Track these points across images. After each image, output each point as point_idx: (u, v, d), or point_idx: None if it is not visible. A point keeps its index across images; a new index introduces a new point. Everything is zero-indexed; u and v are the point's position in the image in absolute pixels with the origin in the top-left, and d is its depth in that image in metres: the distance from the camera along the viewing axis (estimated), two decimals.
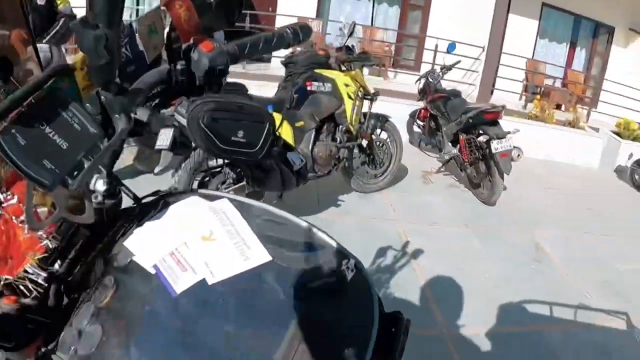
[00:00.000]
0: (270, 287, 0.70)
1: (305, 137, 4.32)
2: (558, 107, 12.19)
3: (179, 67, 1.50)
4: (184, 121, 3.15)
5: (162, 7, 1.36)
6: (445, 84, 7.00)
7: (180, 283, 0.71)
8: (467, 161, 5.77)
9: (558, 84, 13.65)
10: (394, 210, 5.10)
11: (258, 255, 0.71)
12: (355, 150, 5.07)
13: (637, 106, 12.70)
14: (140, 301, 0.75)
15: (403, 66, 12.09)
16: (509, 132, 5.49)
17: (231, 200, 0.79)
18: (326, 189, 5.17)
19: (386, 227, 4.63)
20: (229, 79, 2.55)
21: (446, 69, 6.81)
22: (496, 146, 5.32)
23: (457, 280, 3.92)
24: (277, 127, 3.99)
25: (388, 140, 5.43)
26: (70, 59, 1.27)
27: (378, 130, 5.31)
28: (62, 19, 4.55)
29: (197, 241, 0.77)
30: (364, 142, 5.09)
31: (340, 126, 4.61)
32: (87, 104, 0.95)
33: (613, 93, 12.95)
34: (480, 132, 5.67)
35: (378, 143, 5.33)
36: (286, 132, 4.09)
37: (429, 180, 6.27)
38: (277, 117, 3.97)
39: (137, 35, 1.28)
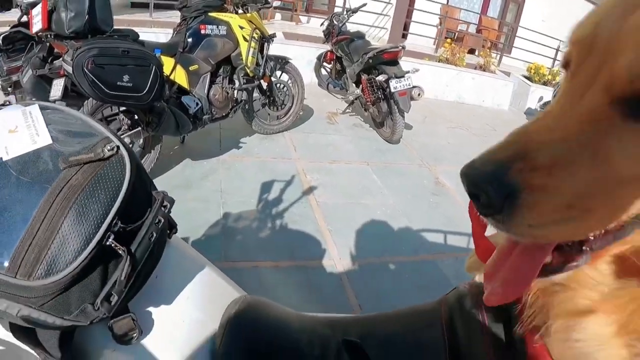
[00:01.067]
0: (43, 161, 0.83)
1: (200, 81, 4.40)
2: (472, 51, 12.68)
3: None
4: (69, 69, 3.20)
5: None
6: (357, 28, 7.19)
7: None
8: (369, 101, 5.99)
9: (473, 29, 14.09)
10: (295, 150, 5.26)
11: (43, 140, 0.85)
12: (256, 93, 5.17)
13: (549, 52, 13.32)
14: None
15: (317, 11, 12.14)
16: (407, 72, 5.74)
17: (40, 105, 0.92)
18: (229, 131, 5.28)
19: (286, 167, 4.79)
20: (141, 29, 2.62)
21: (351, 11, 6.96)
22: (395, 85, 5.56)
23: (353, 213, 4.13)
24: (170, 71, 4.06)
25: (289, 81, 5.55)
26: None
27: (278, 73, 5.41)
28: None
29: (5, 133, 0.90)
30: (264, 84, 5.20)
31: (238, 68, 4.71)
32: None
33: (526, 40, 13.52)
34: (381, 72, 5.90)
35: (278, 85, 5.44)
36: (180, 76, 4.16)
37: (334, 121, 6.48)
38: (169, 61, 4.04)
39: None
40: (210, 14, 4.57)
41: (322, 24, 7.25)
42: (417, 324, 0.90)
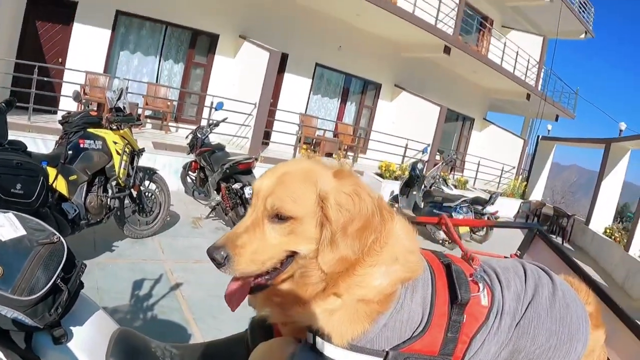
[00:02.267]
0: (24, 242, 1.63)
1: (78, 189, 5.11)
2: (329, 155, 14.22)
3: None
4: None
5: None
6: (220, 138, 8.23)
7: None
8: (228, 206, 6.97)
9: (330, 135, 15.76)
10: (163, 252, 6.01)
11: (20, 232, 1.65)
12: (127, 201, 5.91)
13: (399, 150, 15.30)
14: None
15: (185, 120, 13.21)
16: None
17: (13, 213, 1.71)
18: (103, 235, 5.93)
19: (155, 267, 5.49)
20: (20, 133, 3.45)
21: (214, 125, 8.04)
22: (249, 191, 6.61)
23: (215, 304, 4.91)
24: (53, 181, 4.78)
25: (157, 190, 6.37)
26: None
27: (147, 182, 6.22)
28: None
29: None
30: (134, 193, 5.96)
31: (111, 179, 5.49)
32: None
33: (378, 142, 15.50)
34: (237, 180, 6.93)
35: (147, 193, 6.25)
36: (61, 185, 4.87)
37: (199, 225, 7.32)
38: (52, 171, 4.76)
39: None
40: (88, 129, 5.34)
41: (187, 137, 8.23)
42: (233, 338, 1.82)
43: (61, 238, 1.62)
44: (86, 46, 11.39)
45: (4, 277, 1.40)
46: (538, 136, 21.60)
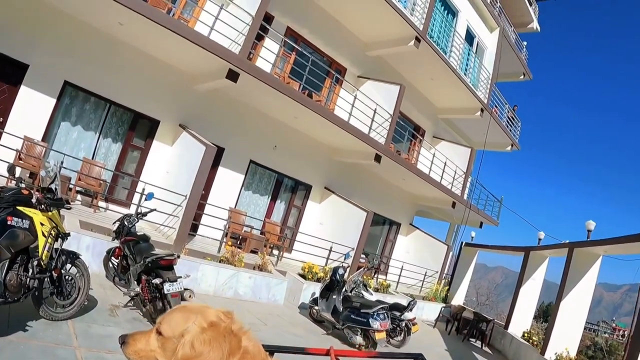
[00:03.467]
0: None
1: None
2: (255, 251, 14.56)
3: None
4: None
5: None
6: (148, 225, 8.44)
7: None
8: (147, 299, 7.18)
9: (257, 232, 16.11)
10: (76, 338, 6.06)
11: None
12: (47, 281, 6.03)
13: (323, 253, 15.75)
14: None
15: (115, 201, 13.34)
16: (180, 277, 7.16)
17: None
18: (17, 312, 5.96)
19: (67, 353, 5.52)
20: None
21: (142, 214, 8.33)
22: (168, 288, 6.92)
23: None
24: None
25: (77, 275, 6.51)
26: None
27: (68, 266, 6.37)
28: None
29: None
30: (55, 275, 6.08)
31: (33, 259, 5.62)
32: None
33: (304, 243, 15.98)
34: (158, 275, 7.18)
35: (67, 277, 6.38)
36: None
37: (115, 314, 7.37)
38: None
39: None
40: (18, 207, 5.49)
41: (114, 223, 8.44)
42: None
43: None
44: (29, 110, 11.51)
45: None
46: (462, 242, 22.60)
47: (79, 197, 12.25)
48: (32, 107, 11.60)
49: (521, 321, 17.15)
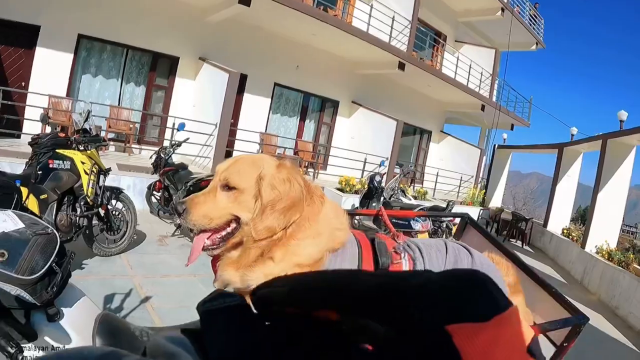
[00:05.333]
0: (22, 232, 1.96)
1: (49, 208, 5.32)
2: None
3: None
4: None
5: None
6: (183, 159, 8.48)
7: None
8: None
9: (290, 152, 16.12)
10: (131, 268, 6.25)
11: (20, 225, 1.99)
12: (95, 220, 6.15)
13: (358, 165, 15.71)
14: None
15: (148, 142, 13.44)
16: None
17: (13, 211, 2.02)
18: (73, 258, 6.16)
19: (125, 282, 5.70)
20: None
21: (176, 145, 8.32)
22: None
23: (183, 312, 5.18)
24: (25, 199, 4.99)
25: (123, 209, 6.62)
26: None
27: (114, 201, 6.47)
28: None
29: (1, 223, 1.99)
30: (102, 212, 6.19)
31: (79, 198, 5.72)
32: None
33: (338, 157, 15.91)
34: None
35: (114, 212, 6.49)
36: (32, 203, 5.07)
37: (164, 243, 7.56)
38: (24, 190, 4.98)
39: None
40: (57, 150, 5.57)
41: (150, 157, 8.49)
42: None
43: (54, 230, 1.93)
44: (49, 70, 11.56)
45: (9, 261, 1.72)
46: (494, 145, 22.30)
47: (111, 144, 12.33)
48: (51, 67, 11.63)
49: (559, 219, 17.09)
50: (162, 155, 8.16)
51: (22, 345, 1.71)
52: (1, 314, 1.78)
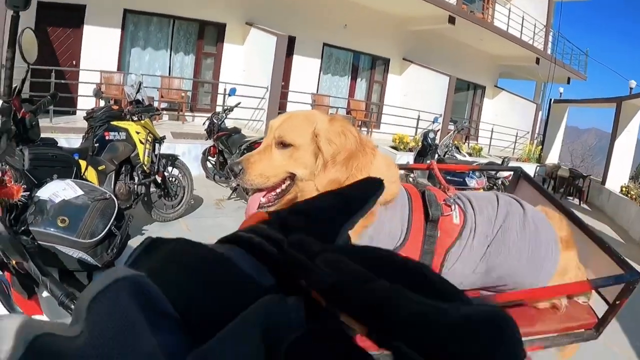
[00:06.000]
0: (82, 199, 1.99)
1: (107, 178, 5.44)
2: None
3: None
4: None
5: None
6: (236, 123, 8.52)
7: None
8: None
9: (343, 112, 16.03)
10: (190, 232, 6.36)
11: (79, 192, 2.01)
12: (153, 187, 6.27)
13: (411, 123, 15.50)
14: None
15: (200, 109, 13.55)
16: None
17: (72, 180, 2.06)
18: (132, 220, 6.32)
19: None
20: (43, 134, 3.79)
21: (228, 110, 8.36)
22: None
23: None
24: (83, 171, 5.12)
25: (179, 175, 6.70)
26: None
27: (170, 168, 6.55)
28: None
29: (61, 190, 2.03)
30: (159, 179, 6.29)
31: (136, 167, 5.84)
32: None
33: (390, 115, 15.73)
34: None
35: (171, 179, 6.58)
36: (91, 175, 5.18)
37: (221, 206, 7.64)
38: (82, 163, 5.09)
39: None
40: (112, 122, 5.70)
41: (204, 123, 8.56)
42: None
43: (112, 195, 1.95)
44: (98, 47, 11.76)
45: (70, 226, 1.74)
46: (550, 100, 21.59)
47: (165, 113, 12.51)
48: (99, 43, 11.83)
49: (618, 177, 16.33)
50: (215, 121, 8.20)
51: None
52: (65, 277, 1.82)
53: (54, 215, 1.75)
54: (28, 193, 1.85)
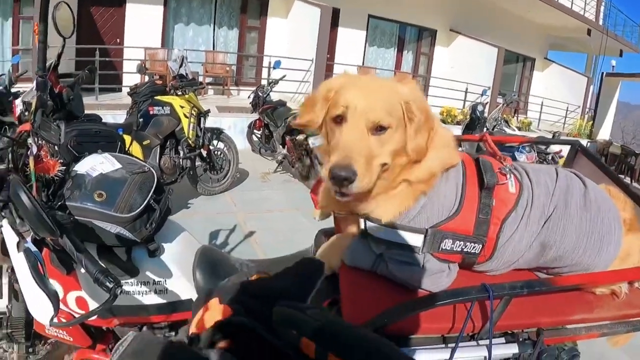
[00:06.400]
0: (120, 172, 1.93)
1: (152, 153, 5.48)
2: None
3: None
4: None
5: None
6: (281, 96, 8.46)
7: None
8: (294, 158, 7.22)
9: None
10: (235, 205, 6.33)
11: (117, 165, 1.94)
12: (198, 161, 6.24)
13: (459, 95, 15.18)
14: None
15: (245, 83, 13.54)
16: None
17: (110, 153, 2.00)
18: (177, 194, 6.28)
19: (229, 219, 5.75)
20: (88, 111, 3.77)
21: (273, 83, 8.28)
22: (313, 141, 6.79)
23: (287, 248, 5.19)
24: (128, 146, 5.14)
25: (225, 149, 6.67)
26: None
27: (215, 142, 6.52)
28: None
29: (99, 164, 1.97)
30: (204, 152, 6.27)
31: (181, 141, 5.82)
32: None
33: (438, 87, 15.39)
34: (300, 132, 7.13)
35: (216, 152, 6.56)
36: (136, 150, 5.22)
37: (267, 179, 7.62)
38: (127, 138, 5.11)
39: None
40: (156, 97, 5.71)
41: (249, 97, 8.51)
42: (300, 252, 2.07)
43: (151, 168, 1.89)
44: (141, 24, 11.87)
45: (107, 200, 1.68)
46: (602, 73, 20.81)
47: (210, 87, 12.55)
48: (142, 20, 11.92)
49: None
50: (260, 94, 8.14)
51: (122, 280, 1.69)
52: (104, 252, 1.78)
53: (90, 189, 1.69)
54: (65, 168, 1.79)
